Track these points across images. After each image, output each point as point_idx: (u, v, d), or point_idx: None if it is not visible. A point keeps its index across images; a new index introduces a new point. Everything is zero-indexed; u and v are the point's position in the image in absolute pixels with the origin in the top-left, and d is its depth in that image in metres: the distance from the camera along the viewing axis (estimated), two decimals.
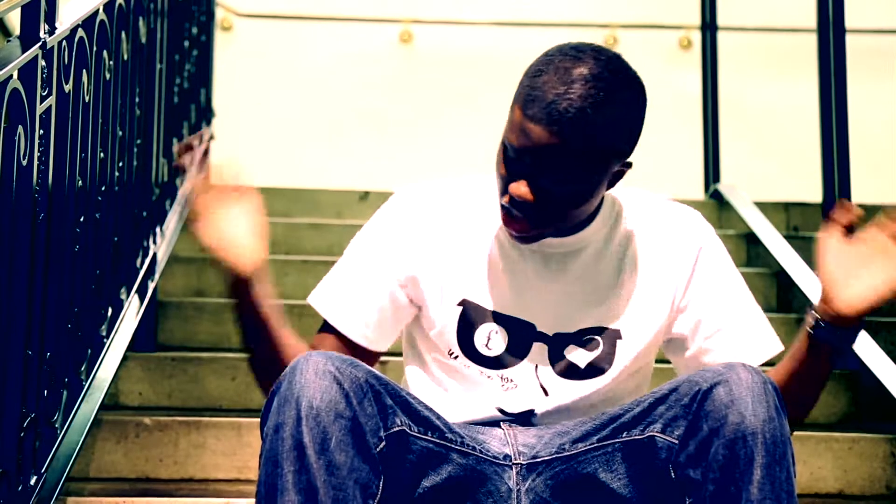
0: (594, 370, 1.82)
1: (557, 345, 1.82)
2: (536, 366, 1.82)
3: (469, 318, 1.83)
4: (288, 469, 1.53)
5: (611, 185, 1.76)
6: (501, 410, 1.83)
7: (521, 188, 1.68)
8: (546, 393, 1.82)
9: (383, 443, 1.61)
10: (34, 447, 1.97)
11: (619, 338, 1.82)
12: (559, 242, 1.82)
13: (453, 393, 1.85)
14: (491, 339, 1.82)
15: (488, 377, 1.83)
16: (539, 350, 1.82)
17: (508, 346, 1.82)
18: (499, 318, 1.82)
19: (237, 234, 1.82)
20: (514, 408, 1.82)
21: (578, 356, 1.82)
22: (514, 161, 1.69)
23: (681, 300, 1.84)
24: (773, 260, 3.80)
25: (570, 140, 1.63)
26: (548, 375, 1.82)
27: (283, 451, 1.54)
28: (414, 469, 1.67)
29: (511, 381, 1.82)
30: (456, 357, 1.84)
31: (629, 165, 1.75)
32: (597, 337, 1.82)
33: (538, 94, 1.65)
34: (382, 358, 2.00)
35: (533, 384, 1.82)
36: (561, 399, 1.82)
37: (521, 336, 1.82)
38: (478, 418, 1.82)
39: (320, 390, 1.55)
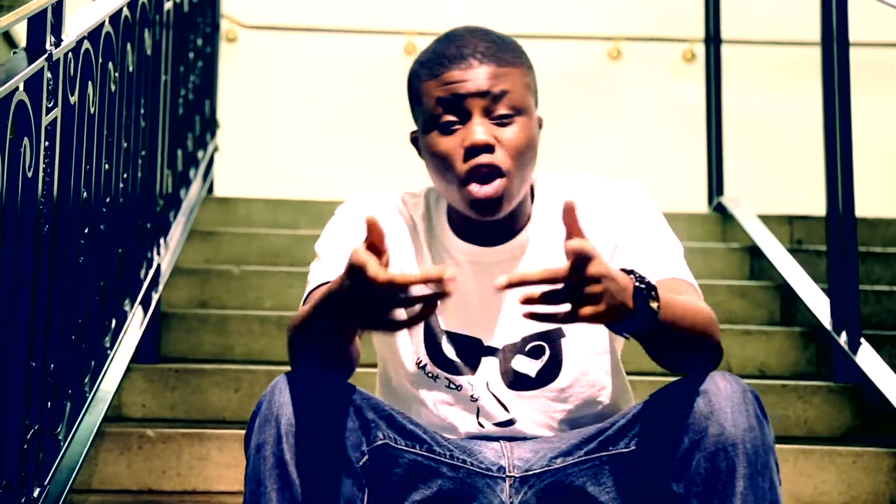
0: (546, 377, 1.81)
1: (506, 357, 1.81)
2: (487, 381, 1.81)
3: (433, 331, 1.82)
4: (271, 487, 1.55)
5: (538, 136, 1.79)
6: (481, 424, 1.82)
7: (477, 135, 1.71)
8: (506, 408, 1.81)
9: (366, 457, 1.61)
10: (37, 459, 1.97)
11: (563, 336, 1.81)
12: (495, 251, 1.81)
13: (428, 413, 1.84)
14: (449, 350, 1.82)
15: (457, 387, 1.81)
16: (489, 364, 1.81)
17: (461, 361, 1.81)
18: (447, 334, 1.82)
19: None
20: (489, 419, 1.81)
21: (527, 366, 1.81)
22: (452, 124, 1.74)
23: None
24: (776, 273, 3.80)
25: (486, 54, 1.75)
26: (501, 390, 1.81)
27: (266, 470, 1.55)
28: (402, 483, 1.68)
29: (476, 388, 1.81)
30: (423, 366, 1.83)
31: (541, 124, 1.82)
32: (541, 342, 1.81)
33: (436, 55, 1.78)
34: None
35: (489, 399, 1.81)
36: (520, 412, 1.80)
37: (469, 351, 1.81)
38: (470, 432, 1.82)
39: (300, 408, 1.57)
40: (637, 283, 1.56)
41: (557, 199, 1.85)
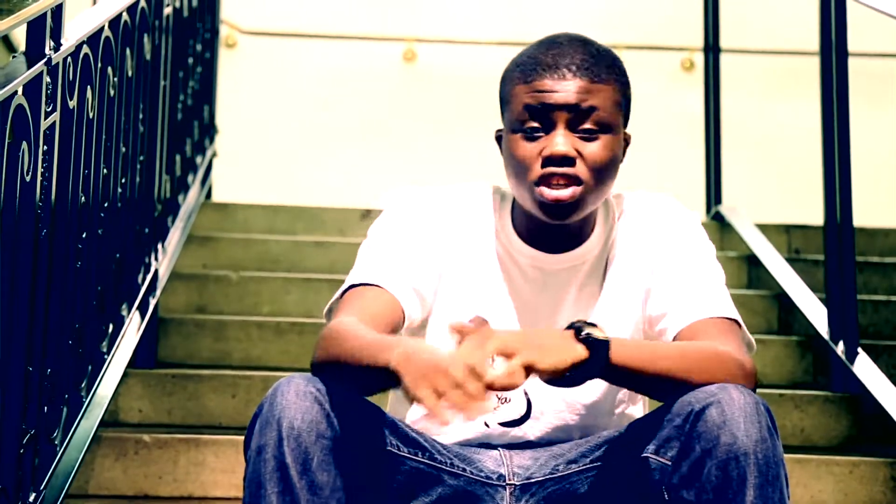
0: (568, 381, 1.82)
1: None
2: None
3: None
4: (271, 490, 1.54)
5: (622, 154, 1.81)
6: (486, 423, 1.82)
7: (558, 146, 1.73)
8: (529, 402, 1.82)
9: (368, 463, 1.61)
10: (33, 464, 1.96)
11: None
12: (557, 259, 1.82)
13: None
14: None
15: None
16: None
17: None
18: None
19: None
20: (498, 418, 1.82)
21: None
22: (536, 130, 1.75)
23: (648, 293, 1.84)
24: (774, 282, 3.80)
25: (580, 67, 1.76)
26: (535, 383, 1.82)
27: (266, 473, 1.55)
28: (402, 490, 1.68)
29: (497, 392, 1.82)
30: None
31: (629, 142, 1.83)
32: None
33: (531, 60, 1.78)
34: None
35: (518, 394, 1.82)
36: (544, 404, 1.81)
37: None
38: (468, 437, 1.82)
39: (301, 411, 1.56)
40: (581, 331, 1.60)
41: (629, 212, 1.88)
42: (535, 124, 1.76)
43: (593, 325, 1.62)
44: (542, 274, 1.83)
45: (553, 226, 1.78)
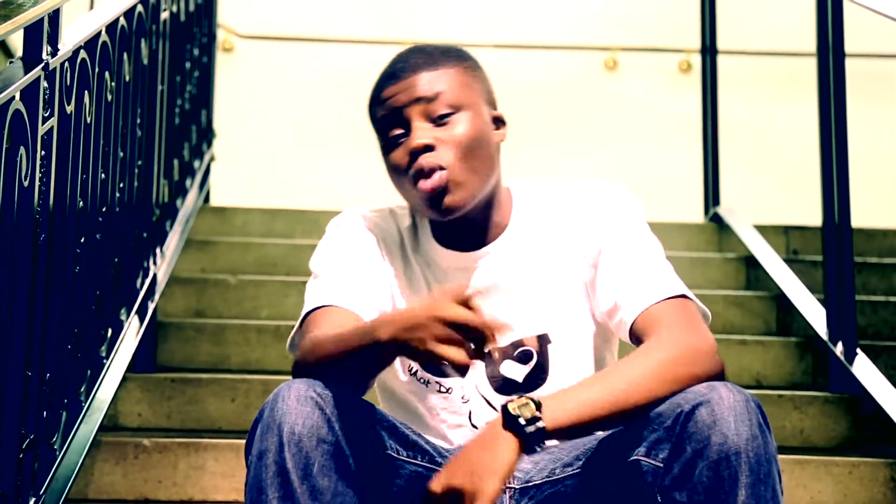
0: (533, 382, 1.82)
1: (494, 361, 1.83)
2: (476, 385, 1.83)
3: None
4: (272, 495, 1.54)
5: (495, 134, 1.85)
6: (475, 425, 1.83)
7: (415, 140, 1.78)
8: (496, 410, 1.81)
9: (369, 468, 1.61)
10: (33, 468, 1.96)
11: (549, 342, 1.83)
12: (477, 255, 1.85)
13: (423, 421, 1.85)
14: None
15: (447, 390, 1.83)
16: (478, 368, 1.83)
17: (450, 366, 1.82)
18: None
19: None
20: (483, 419, 1.82)
21: (514, 371, 1.83)
22: (399, 137, 1.81)
23: (591, 286, 1.83)
24: (772, 283, 3.80)
25: (417, 63, 1.82)
26: (490, 393, 1.83)
27: (267, 478, 1.54)
28: (402, 493, 1.68)
29: (466, 389, 1.83)
30: (414, 372, 1.84)
31: (503, 122, 1.88)
32: (529, 348, 1.83)
33: (377, 81, 1.87)
34: None
35: (479, 401, 1.83)
36: None
37: None
38: (468, 435, 1.82)
39: (302, 416, 1.56)
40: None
41: (536, 201, 1.88)
42: (396, 131, 1.82)
43: (527, 399, 1.59)
44: (465, 273, 1.85)
45: (459, 222, 1.82)
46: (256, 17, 6.11)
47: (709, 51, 4.79)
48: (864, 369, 3.09)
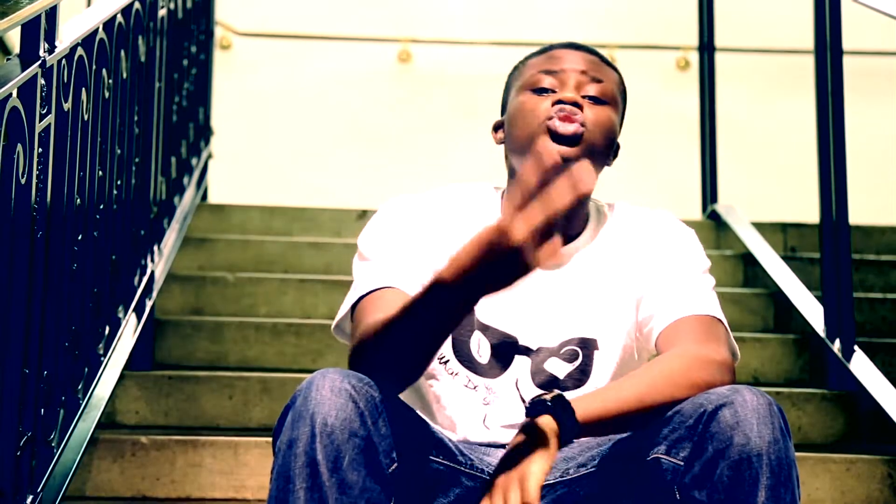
0: (573, 381, 1.83)
1: (539, 358, 1.83)
2: (517, 379, 1.83)
3: (462, 328, 1.83)
4: (300, 486, 1.51)
5: (612, 154, 1.92)
6: (486, 426, 1.83)
7: (568, 93, 1.85)
8: (524, 403, 1.81)
9: (395, 464, 1.59)
10: (31, 466, 1.96)
11: (597, 348, 1.85)
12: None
13: (433, 408, 1.85)
14: (481, 346, 1.84)
15: (473, 387, 1.83)
16: (521, 363, 1.83)
17: (492, 357, 1.83)
18: (483, 328, 1.84)
19: None
20: (497, 421, 1.82)
21: (558, 368, 1.84)
22: (549, 90, 1.87)
23: (639, 301, 1.87)
24: (770, 281, 3.80)
25: (590, 51, 1.93)
26: (528, 388, 1.82)
27: (296, 468, 1.52)
28: (424, 491, 1.67)
29: (493, 391, 1.83)
30: (446, 362, 1.84)
31: (618, 147, 1.94)
32: (576, 348, 1.84)
33: (550, 46, 1.95)
34: None
35: (513, 397, 1.83)
36: None
37: (503, 348, 1.83)
38: (485, 440, 1.82)
39: (335, 408, 1.53)
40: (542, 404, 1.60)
41: (609, 216, 1.93)
42: (548, 83, 1.88)
43: (557, 392, 1.62)
44: None
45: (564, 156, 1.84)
46: (254, 15, 6.11)
47: (706, 48, 4.78)
48: (862, 366, 3.10)
